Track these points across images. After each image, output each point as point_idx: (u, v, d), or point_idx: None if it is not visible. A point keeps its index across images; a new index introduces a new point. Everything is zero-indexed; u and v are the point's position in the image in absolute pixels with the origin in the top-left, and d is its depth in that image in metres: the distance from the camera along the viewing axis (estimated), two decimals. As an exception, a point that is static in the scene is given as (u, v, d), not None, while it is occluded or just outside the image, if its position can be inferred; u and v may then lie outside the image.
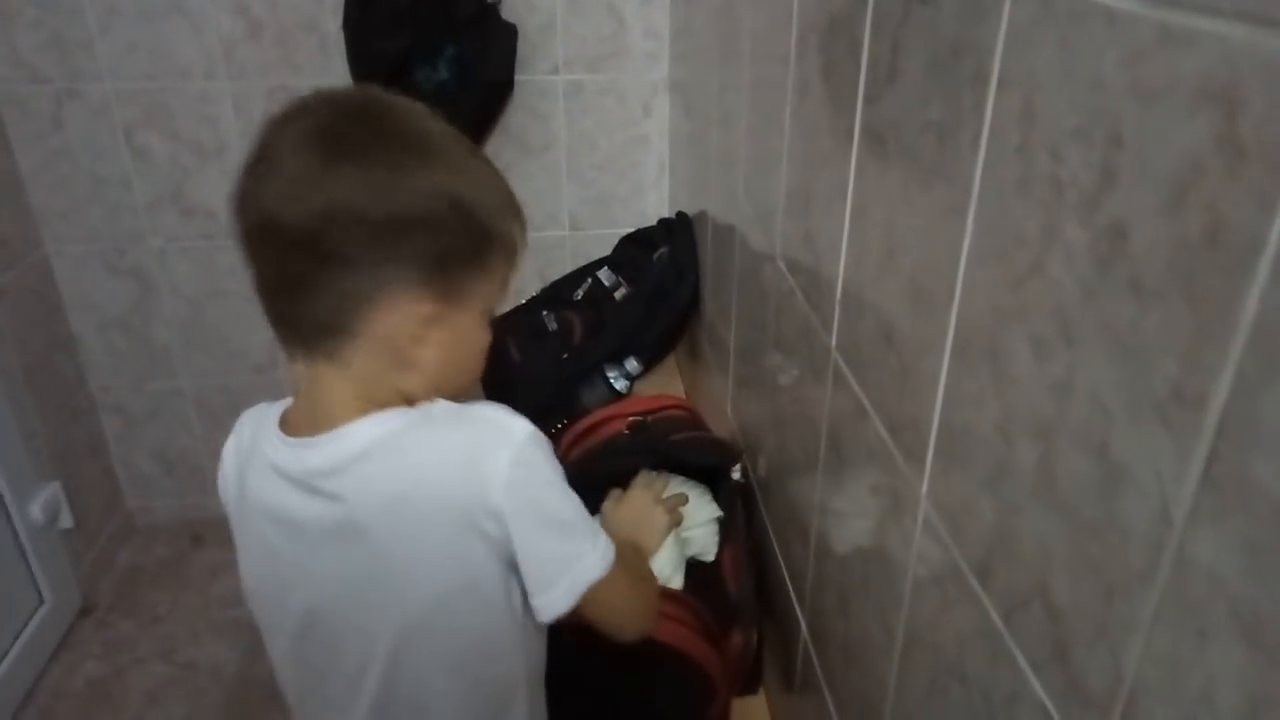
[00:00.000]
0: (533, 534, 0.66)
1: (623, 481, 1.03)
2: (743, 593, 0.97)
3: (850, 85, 0.71)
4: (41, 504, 1.71)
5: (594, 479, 1.00)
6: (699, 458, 1.10)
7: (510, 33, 1.70)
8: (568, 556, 0.68)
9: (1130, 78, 0.38)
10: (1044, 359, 0.45)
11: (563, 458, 1.24)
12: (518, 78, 1.76)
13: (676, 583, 0.96)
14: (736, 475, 1.13)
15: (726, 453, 1.14)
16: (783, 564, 1.02)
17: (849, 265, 0.75)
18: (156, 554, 2.03)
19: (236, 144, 1.78)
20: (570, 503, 0.69)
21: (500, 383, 1.39)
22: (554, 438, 1.40)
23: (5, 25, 1.64)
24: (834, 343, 0.80)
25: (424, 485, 0.65)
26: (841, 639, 0.81)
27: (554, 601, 0.68)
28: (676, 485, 1.06)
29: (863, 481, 0.74)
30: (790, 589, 0.99)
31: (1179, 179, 0.35)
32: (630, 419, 1.23)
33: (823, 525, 0.86)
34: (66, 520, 1.80)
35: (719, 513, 1.04)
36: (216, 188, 1.81)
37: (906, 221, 0.63)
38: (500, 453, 0.64)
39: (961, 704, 0.56)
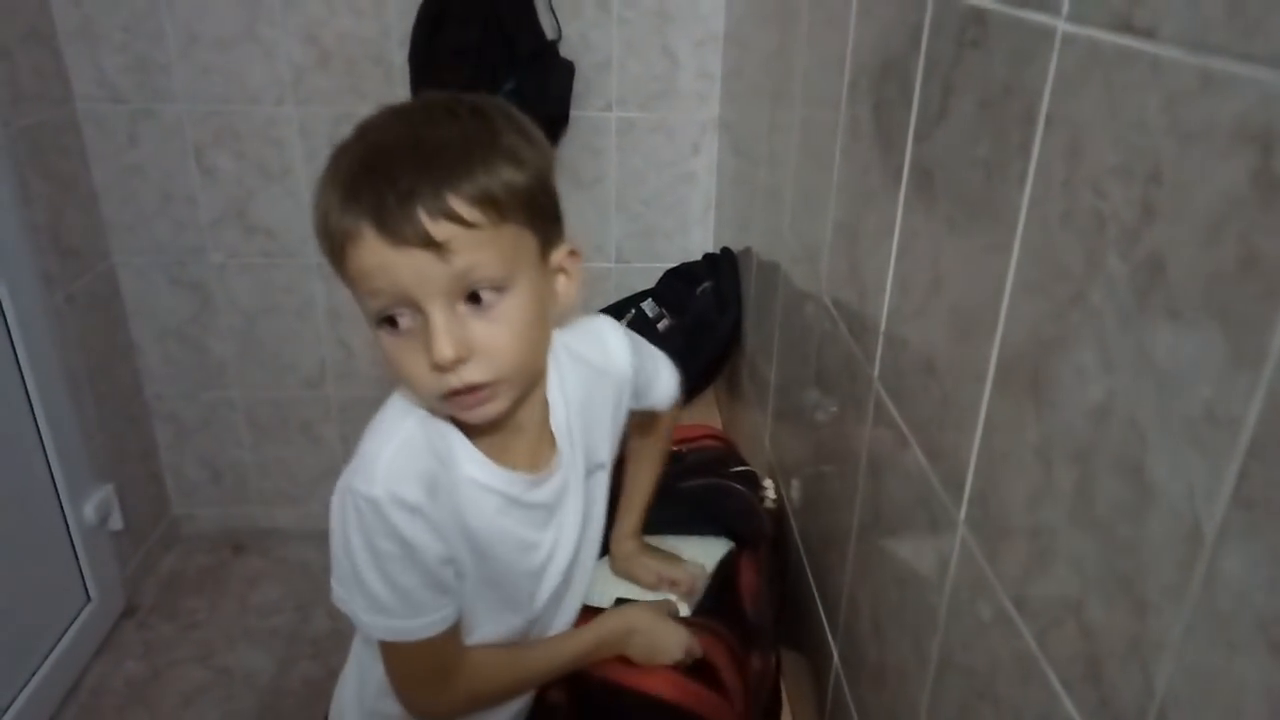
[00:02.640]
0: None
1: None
2: (762, 616, 0.98)
3: (901, 124, 0.74)
4: (95, 504, 1.77)
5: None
6: (728, 522, 1.09)
7: (568, 70, 1.76)
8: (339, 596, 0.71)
9: (1171, 119, 0.40)
10: (1084, 384, 0.47)
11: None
12: (573, 113, 1.82)
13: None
14: (769, 495, 1.14)
15: (752, 524, 1.10)
16: (815, 591, 1.03)
17: (894, 298, 0.78)
18: (199, 560, 2.08)
19: (301, 167, 1.85)
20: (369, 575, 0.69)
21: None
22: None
23: (92, 46, 1.74)
24: (876, 373, 0.82)
25: None
26: (875, 664, 0.82)
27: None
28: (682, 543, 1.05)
29: (902, 508, 0.75)
30: (823, 616, 1.00)
31: (1216, 213, 0.37)
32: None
33: (859, 551, 0.88)
34: (117, 522, 1.85)
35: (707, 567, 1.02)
36: (278, 208, 1.89)
37: (952, 255, 0.65)
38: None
39: (993, 726, 0.57)
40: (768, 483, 1.17)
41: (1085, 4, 0.47)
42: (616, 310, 1.75)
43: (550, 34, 1.74)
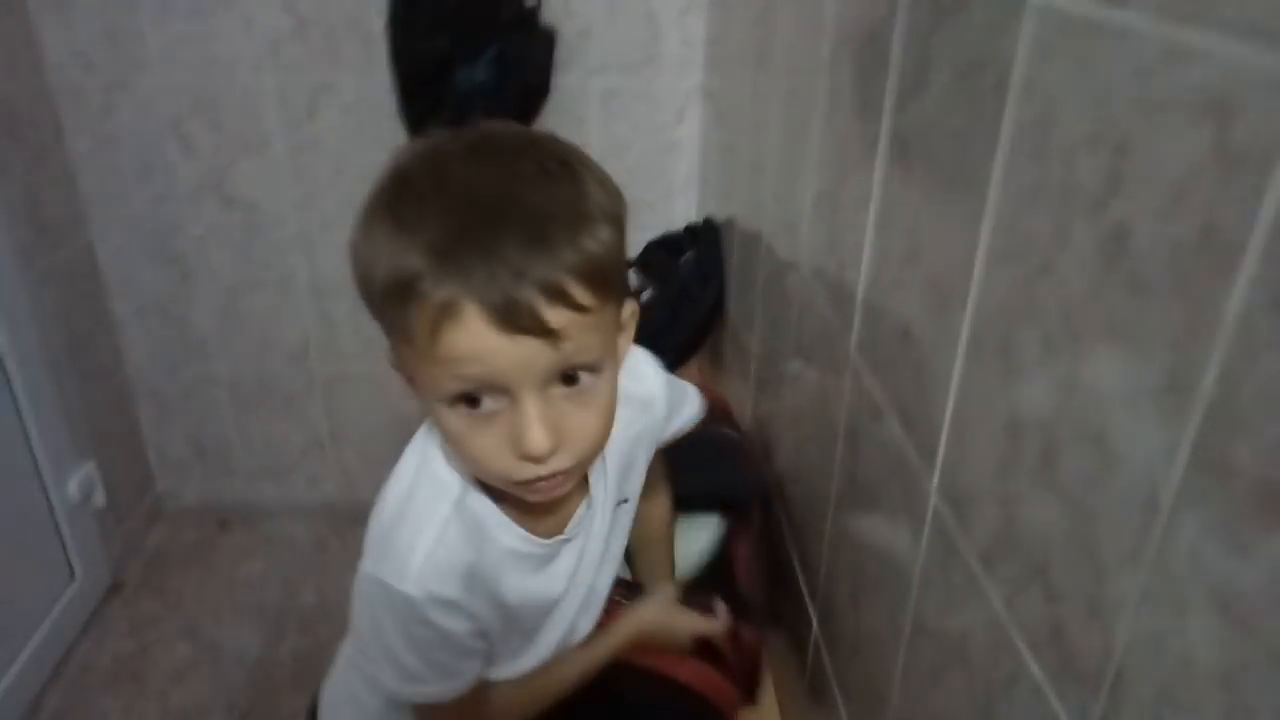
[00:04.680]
0: None
1: None
2: (754, 590, 1.00)
3: (879, 94, 0.74)
4: (78, 481, 1.77)
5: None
6: (721, 489, 1.10)
7: (549, 38, 1.74)
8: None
9: (1138, 89, 0.40)
10: (1051, 354, 0.47)
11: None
12: (554, 80, 1.80)
13: None
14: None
15: (746, 487, 1.12)
16: (796, 561, 1.05)
17: (871, 268, 0.78)
18: (184, 537, 2.08)
19: (279, 137, 1.83)
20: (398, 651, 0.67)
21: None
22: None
23: (64, 15, 1.70)
24: (854, 343, 0.82)
25: None
26: (851, 633, 0.84)
27: None
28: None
29: (878, 477, 0.76)
30: (803, 585, 1.01)
31: (1178, 184, 0.37)
32: None
33: (837, 521, 0.89)
34: (100, 499, 1.85)
35: (705, 552, 1.04)
36: (258, 179, 1.86)
37: (928, 225, 0.65)
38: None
39: (963, 689, 0.58)
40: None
41: (1056, -27, 0.47)
42: (600, 282, 1.75)
43: (530, 0, 1.72)
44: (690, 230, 1.72)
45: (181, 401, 2.06)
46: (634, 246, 1.82)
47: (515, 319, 0.52)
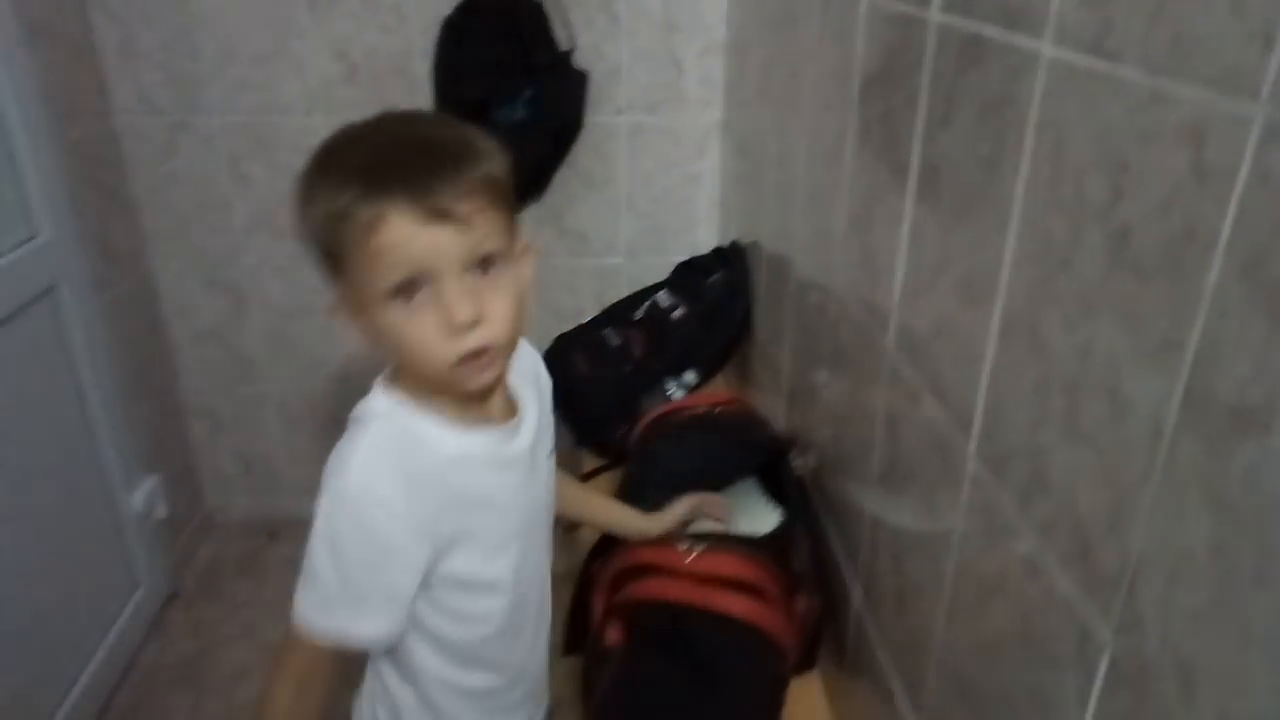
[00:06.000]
0: None
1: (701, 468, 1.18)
2: (804, 564, 1.12)
3: (908, 129, 0.87)
4: (142, 495, 1.88)
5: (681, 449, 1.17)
6: (758, 448, 1.24)
7: (582, 78, 1.88)
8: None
9: (1131, 123, 0.53)
10: (1071, 330, 0.60)
11: (640, 440, 1.39)
12: (585, 119, 1.94)
13: None
14: (807, 463, 1.28)
15: (781, 440, 1.28)
16: (837, 547, 1.16)
17: (906, 277, 0.91)
18: (235, 548, 2.18)
19: (329, 173, 1.96)
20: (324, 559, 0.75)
21: (568, 393, 1.55)
22: (616, 442, 1.56)
23: (133, 63, 1.84)
24: (890, 342, 0.95)
25: None
26: (894, 594, 0.95)
27: None
28: (740, 496, 1.20)
29: (917, 454, 0.89)
30: (844, 566, 1.13)
31: (1167, 193, 0.50)
32: (706, 408, 1.38)
33: (879, 500, 1.01)
34: (161, 511, 1.96)
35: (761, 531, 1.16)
36: (308, 212, 1.99)
37: (958, 237, 0.78)
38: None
39: (1003, 617, 0.70)
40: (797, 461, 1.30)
41: (1066, 31, 0.61)
42: (631, 302, 1.88)
43: (565, 45, 1.86)
44: (719, 252, 1.85)
45: (233, 421, 2.18)
46: (663, 269, 1.96)
47: (431, 212, 0.68)
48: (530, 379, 0.91)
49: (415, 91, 1.92)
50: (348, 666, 0.82)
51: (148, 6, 1.81)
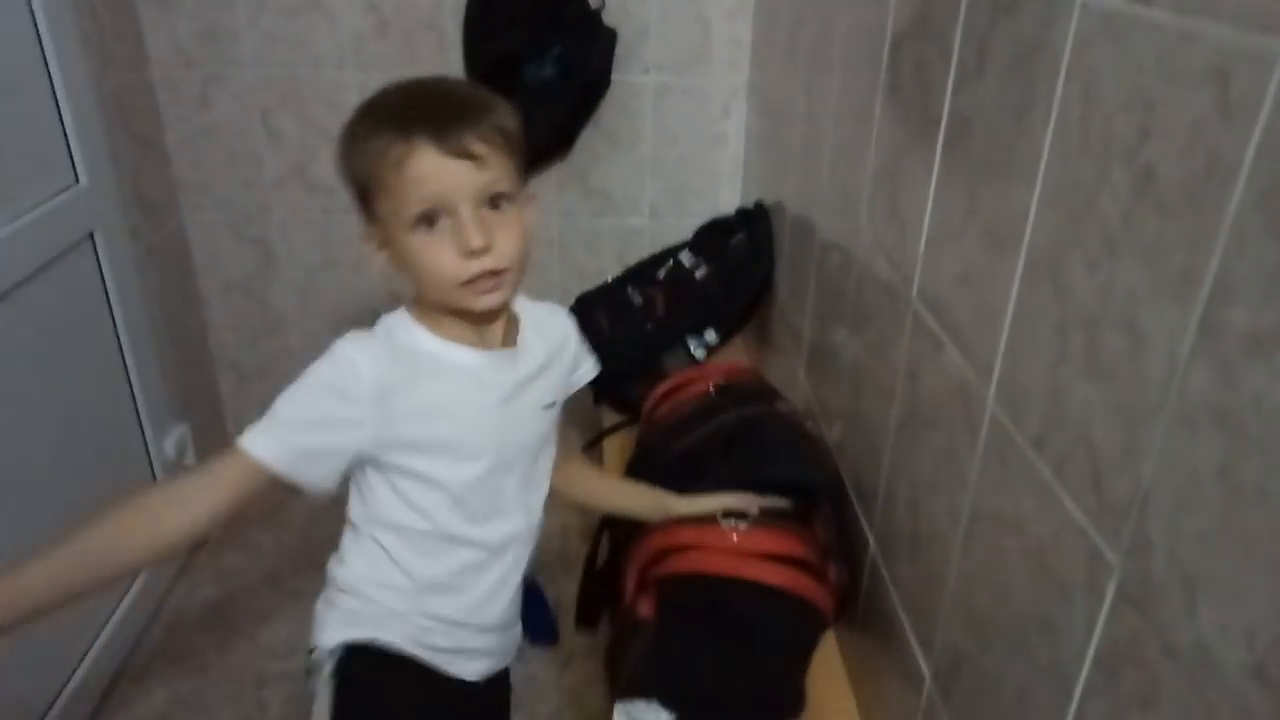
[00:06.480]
0: None
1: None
2: (831, 536, 1.14)
3: (941, 80, 0.88)
4: (174, 441, 1.93)
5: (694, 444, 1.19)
6: (787, 472, 1.18)
7: (610, 37, 1.89)
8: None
9: (1161, 64, 0.55)
10: (1093, 271, 0.62)
11: (650, 413, 1.43)
12: (613, 77, 1.95)
13: None
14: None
15: (817, 468, 1.21)
16: (854, 498, 1.19)
17: (932, 227, 0.92)
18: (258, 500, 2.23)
19: (358, 128, 1.99)
20: (288, 395, 0.89)
21: (591, 349, 1.57)
22: (637, 400, 1.58)
23: (168, 14, 1.87)
24: (915, 292, 0.97)
25: None
26: (909, 537, 0.98)
27: None
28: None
29: (937, 401, 0.91)
30: (861, 517, 1.16)
31: (1191, 131, 0.52)
32: (714, 383, 1.40)
33: (896, 445, 1.03)
34: (190, 458, 2.01)
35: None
36: (337, 167, 2.02)
37: (985, 185, 0.80)
38: None
39: (1017, 552, 0.73)
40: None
41: (1098, -21, 0.62)
42: (655, 262, 1.90)
43: (594, 3, 1.87)
44: (742, 213, 1.87)
45: (259, 373, 2.23)
46: (686, 230, 1.98)
47: (453, 150, 0.81)
48: (556, 341, 1.03)
49: (445, 47, 1.93)
50: (247, 514, 0.92)
51: (183, -43, 1.83)
